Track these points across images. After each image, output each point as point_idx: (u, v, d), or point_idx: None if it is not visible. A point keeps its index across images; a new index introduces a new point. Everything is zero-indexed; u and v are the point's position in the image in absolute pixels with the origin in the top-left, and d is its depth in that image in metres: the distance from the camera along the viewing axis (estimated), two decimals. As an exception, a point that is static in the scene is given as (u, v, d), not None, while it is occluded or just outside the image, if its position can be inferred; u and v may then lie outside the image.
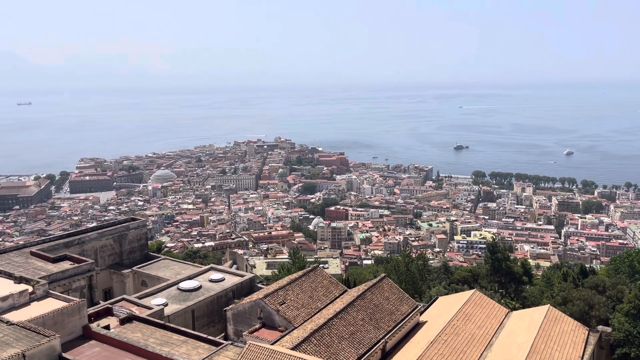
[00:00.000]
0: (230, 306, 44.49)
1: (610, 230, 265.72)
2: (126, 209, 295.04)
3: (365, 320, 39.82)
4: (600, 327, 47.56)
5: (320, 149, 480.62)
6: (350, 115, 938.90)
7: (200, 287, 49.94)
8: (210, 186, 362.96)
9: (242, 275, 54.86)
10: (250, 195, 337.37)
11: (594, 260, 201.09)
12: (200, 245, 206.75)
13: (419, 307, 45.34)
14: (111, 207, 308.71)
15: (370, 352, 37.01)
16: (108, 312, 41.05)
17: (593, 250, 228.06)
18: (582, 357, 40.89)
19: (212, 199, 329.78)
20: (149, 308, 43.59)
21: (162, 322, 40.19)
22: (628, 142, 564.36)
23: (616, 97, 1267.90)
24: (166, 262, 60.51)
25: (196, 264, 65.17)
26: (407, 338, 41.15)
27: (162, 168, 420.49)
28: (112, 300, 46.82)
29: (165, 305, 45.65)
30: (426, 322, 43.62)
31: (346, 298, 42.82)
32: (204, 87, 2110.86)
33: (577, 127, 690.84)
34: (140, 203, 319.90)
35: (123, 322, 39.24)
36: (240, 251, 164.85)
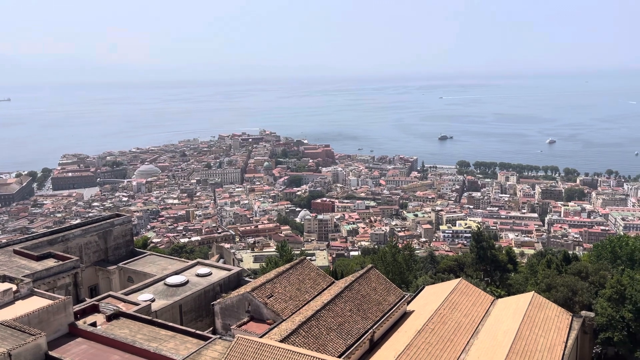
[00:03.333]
0: (218, 300, 44.42)
1: (592, 217, 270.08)
2: (110, 205, 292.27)
3: (353, 311, 40.03)
4: (583, 313, 48.41)
5: (305, 141, 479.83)
6: (336, 107, 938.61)
7: (187, 282, 49.75)
8: (195, 180, 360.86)
9: (229, 270, 54.71)
10: (236, 189, 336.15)
11: (577, 247, 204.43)
12: (186, 240, 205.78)
13: (406, 296, 45.68)
14: (95, 204, 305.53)
15: (358, 342, 37.25)
16: (94, 309, 40.71)
17: (576, 237, 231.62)
18: (566, 342, 41.61)
19: (198, 194, 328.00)
20: (136, 304, 43.34)
21: (149, 317, 39.98)
22: (609, 130, 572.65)
23: (599, 86, 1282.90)
24: (152, 257, 60.12)
25: (183, 259, 64.91)
26: (394, 327, 41.48)
27: (146, 163, 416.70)
28: (98, 297, 46.41)
29: (152, 300, 45.43)
30: (413, 311, 44.00)
31: (334, 289, 42.98)
32: (188, 80, 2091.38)
33: (560, 116, 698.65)
34: (125, 199, 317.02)
35: (110, 318, 38.97)
36: (226, 245, 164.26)
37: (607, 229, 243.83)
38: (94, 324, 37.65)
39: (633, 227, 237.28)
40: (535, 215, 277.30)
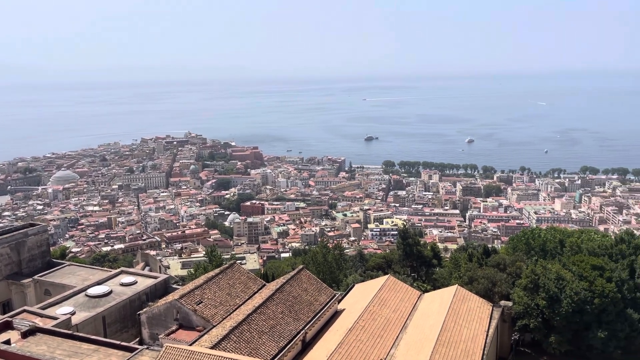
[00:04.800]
0: (145, 309, 42.90)
1: (508, 212, 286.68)
2: (24, 214, 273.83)
3: (285, 313, 39.99)
4: (502, 302, 51.22)
5: (233, 143, 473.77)
6: (262, 108, 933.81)
7: (110, 292, 47.62)
8: (117, 186, 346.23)
9: (155, 277, 52.99)
10: (161, 194, 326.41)
11: (496, 240, 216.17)
12: (108, 248, 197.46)
13: (337, 295, 46.25)
14: (6, 213, 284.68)
15: (290, 344, 37.26)
16: (8, 325, 37.96)
17: (494, 231, 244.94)
18: (488, 331, 43.86)
19: (120, 200, 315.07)
20: (54, 318, 40.88)
21: (69, 332, 37.87)
22: (521, 129, 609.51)
23: (511, 88, 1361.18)
24: (72, 268, 57.02)
25: (105, 268, 62.22)
26: (326, 327, 41.88)
27: (62, 169, 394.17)
28: (12, 312, 43.30)
29: (73, 313, 43.08)
30: (344, 309, 44.63)
31: (265, 292, 42.73)
32: (105, 81, 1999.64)
33: (477, 117, 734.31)
34: (40, 207, 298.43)
35: (25, 335, 36.50)
36: (152, 252, 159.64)
37: (521, 222, 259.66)
38: (7, 342, 35.11)
39: (544, 219, 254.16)
40: (457, 211, 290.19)
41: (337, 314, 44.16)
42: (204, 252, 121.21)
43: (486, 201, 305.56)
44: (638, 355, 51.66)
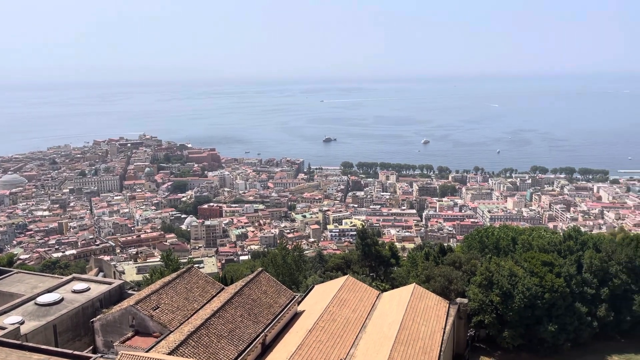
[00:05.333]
0: (98, 317, 41.69)
1: (463, 211, 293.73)
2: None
3: (244, 316, 39.66)
4: (458, 300, 52.46)
5: (189, 145, 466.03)
6: (220, 110, 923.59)
7: (61, 300, 45.95)
8: (68, 190, 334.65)
9: (109, 283, 51.58)
10: (115, 197, 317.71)
11: (451, 239, 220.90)
12: (59, 254, 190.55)
13: (297, 297, 46.23)
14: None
15: (250, 348, 36.98)
16: (-51, 338, 36.06)
17: (450, 230, 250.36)
18: (445, 328, 44.80)
19: (72, 204, 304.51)
20: (2, 328, 39.16)
21: (17, 342, 36.34)
22: (475, 130, 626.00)
23: (465, 90, 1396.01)
24: (20, 275, 54.73)
25: (56, 275, 60.13)
26: (286, 329, 41.80)
27: (9, 172, 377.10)
28: (-46, 324, 41.18)
29: (21, 323, 41.34)
30: (304, 311, 44.65)
31: (224, 296, 42.26)
32: (56, 82, 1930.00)
33: (433, 118, 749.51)
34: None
35: (-31, 348, 34.76)
36: (106, 257, 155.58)
37: (476, 221, 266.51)
38: (-51, 356, 33.36)
39: (497, 218, 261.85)
40: (414, 211, 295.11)
41: (297, 315, 44.13)
42: (160, 257, 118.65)
43: (442, 201, 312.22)
44: (586, 347, 54.00)
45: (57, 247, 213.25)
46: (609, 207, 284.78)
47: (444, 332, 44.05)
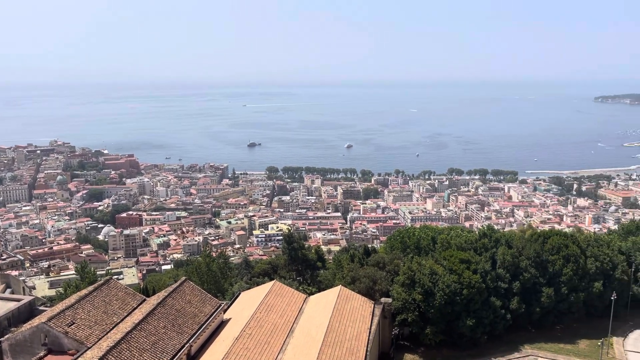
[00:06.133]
0: (6, 336, 38.74)
1: (386, 213, 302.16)
2: None
3: (168, 328, 38.38)
4: (383, 299, 53.80)
5: (106, 151, 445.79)
6: (139, 114, 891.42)
7: (-38, 321, 42.19)
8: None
9: (18, 300, 48.17)
10: (23, 208, 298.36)
11: (375, 240, 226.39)
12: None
13: (222, 305, 45.41)
14: None
15: (174, 359, 35.82)
16: None
17: (373, 232, 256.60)
18: (370, 329, 45.77)
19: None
20: None
21: None
22: (395, 134, 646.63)
23: (386, 95, 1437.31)
24: None
25: (-44, 294, 54.86)
26: (212, 338, 40.94)
27: None
28: None
29: None
30: (230, 319, 43.96)
31: (145, 307, 40.64)
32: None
33: (355, 123, 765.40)
34: None
35: None
36: (14, 272, 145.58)
37: (398, 222, 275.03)
38: None
39: (418, 219, 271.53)
40: (339, 214, 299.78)
41: (223, 323, 43.35)
42: (75, 269, 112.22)
43: (365, 203, 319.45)
44: (501, 339, 57.19)
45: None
46: (519, 206, 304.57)
47: (369, 332, 44.98)
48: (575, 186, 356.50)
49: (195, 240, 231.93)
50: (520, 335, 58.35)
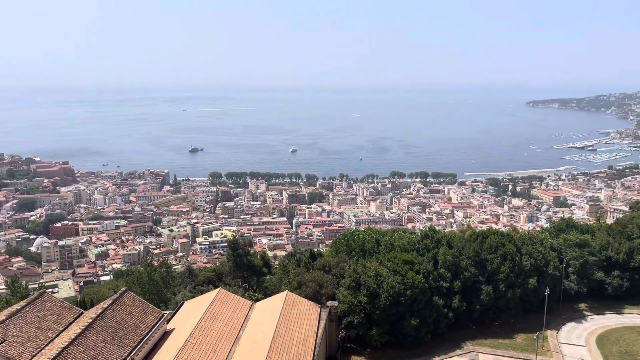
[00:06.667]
0: None
1: (331, 216, 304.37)
2: None
3: (107, 341, 36.90)
4: (329, 303, 54.05)
5: (37, 159, 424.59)
6: (73, 119, 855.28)
7: None
8: None
9: (-59, 319, 44.60)
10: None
11: (321, 244, 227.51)
12: None
13: (165, 315, 44.20)
14: None
15: (115, 374, 34.46)
16: None
17: (319, 235, 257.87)
18: (317, 333, 45.85)
19: None
20: None
21: None
22: (339, 139, 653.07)
23: (329, 100, 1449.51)
24: None
25: None
26: (155, 349, 39.72)
27: None
28: None
29: None
30: (174, 329, 42.84)
31: (83, 321, 38.90)
32: None
33: (299, 127, 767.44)
34: None
35: None
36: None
37: (343, 225, 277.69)
38: None
39: (362, 221, 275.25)
40: (284, 219, 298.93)
41: (166, 334, 42.17)
42: (4, 284, 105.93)
43: (310, 207, 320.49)
44: (444, 337, 58.79)
45: None
46: (458, 207, 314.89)
47: (316, 337, 45.06)
48: (510, 187, 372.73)
49: (136, 250, 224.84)
50: (462, 333, 60.20)
